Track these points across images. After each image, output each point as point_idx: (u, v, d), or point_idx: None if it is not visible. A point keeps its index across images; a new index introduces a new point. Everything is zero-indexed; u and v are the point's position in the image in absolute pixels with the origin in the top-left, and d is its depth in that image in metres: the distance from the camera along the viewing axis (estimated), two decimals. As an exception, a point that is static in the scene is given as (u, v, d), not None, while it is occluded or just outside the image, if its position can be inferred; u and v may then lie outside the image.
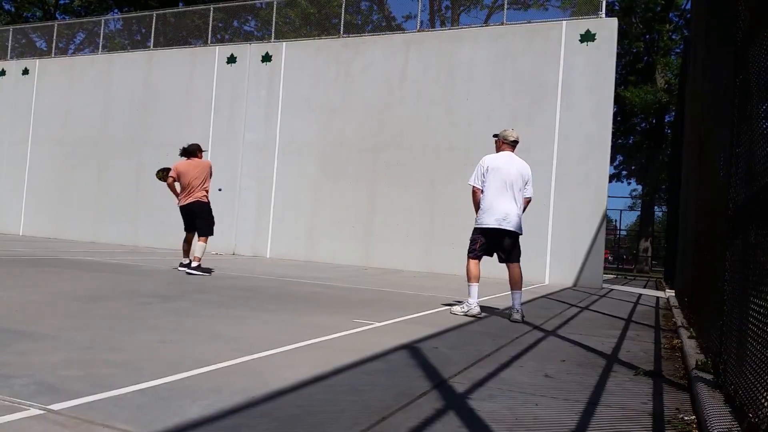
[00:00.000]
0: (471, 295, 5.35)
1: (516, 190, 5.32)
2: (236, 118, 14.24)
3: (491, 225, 5.28)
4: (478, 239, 5.37)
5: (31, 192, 16.74)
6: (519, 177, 5.35)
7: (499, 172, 5.32)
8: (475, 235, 5.40)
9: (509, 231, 5.30)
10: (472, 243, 5.40)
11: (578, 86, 11.30)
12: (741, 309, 2.38)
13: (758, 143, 2.21)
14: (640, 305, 8.30)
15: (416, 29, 13.50)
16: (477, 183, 5.40)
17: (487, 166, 5.38)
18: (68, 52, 22.07)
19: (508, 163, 5.39)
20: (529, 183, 5.43)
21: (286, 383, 2.61)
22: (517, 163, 5.42)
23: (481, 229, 5.35)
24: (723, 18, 3.64)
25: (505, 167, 5.35)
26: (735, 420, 2.13)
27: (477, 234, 5.39)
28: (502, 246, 5.37)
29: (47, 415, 1.99)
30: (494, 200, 5.28)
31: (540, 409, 2.51)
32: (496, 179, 5.31)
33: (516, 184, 5.32)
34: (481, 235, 5.35)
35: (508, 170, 5.33)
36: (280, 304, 5.39)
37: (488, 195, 5.31)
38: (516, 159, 5.47)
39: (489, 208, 5.29)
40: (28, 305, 4.34)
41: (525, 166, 5.47)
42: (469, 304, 5.36)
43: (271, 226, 13.67)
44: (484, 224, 5.32)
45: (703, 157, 4.72)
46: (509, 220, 5.27)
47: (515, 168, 5.38)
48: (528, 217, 5.78)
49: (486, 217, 5.30)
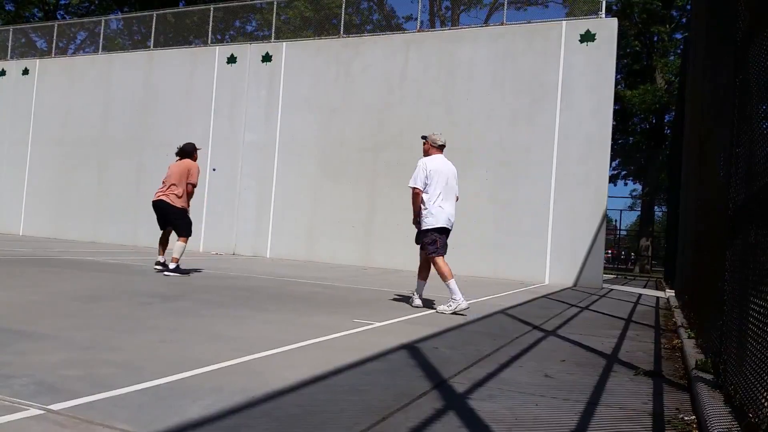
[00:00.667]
0: (454, 291, 5.48)
1: (453, 191, 5.70)
2: (236, 118, 14.24)
3: (445, 225, 5.58)
4: (437, 238, 5.59)
5: (31, 192, 16.74)
6: (454, 178, 5.72)
7: (440, 175, 5.59)
8: (433, 235, 5.59)
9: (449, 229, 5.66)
10: (433, 243, 5.58)
11: (578, 86, 11.30)
12: (741, 309, 2.38)
13: (758, 143, 2.21)
14: (640, 305, 8.30)
15: (416, 29, 13.50)
16: (420, 185, 5.59)
17: (430, 170, 5.60)
18: (68, 52, 22.07)
19: (446, 166, 5.69)
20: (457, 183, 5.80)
21: (286, 383, 2.61)
22: (451, 166, 5.77)
23: (437, 229, 5.58)
24: (723, 18, 3.64)
25: (444, 170, 5.64)
26: (735, 420, 2.13)
27: (435, 234, 5.60)
28: None
29: (47, 415, 1.99)
30: (442, 201, 5.58)
31: (540, 409, 2.51)
32: (440, 182, 5.57)
33: (454, 186, 5.70)
34: (438, 233, 5.59)
35: (447, 173, 5.64)
36: (280, 304, 5.39)
37: (435, 197, 5.57)
38: (449, 163, 5.78)
39: (440, 209, 5.56)
40: (28, 305, 4.35)
41: (455, 169, 5.82)
42: (455, 300, 5.47)
43: (271, 226, 13.67)
44: (439, 224, 5.56)
45: (703, 157, 4.72)
46: (453, 220, 5.67)
47: (451, 170, 5.71)
48: (528, 217, 5.89)
49: (439, 218, 5.56)
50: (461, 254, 11.81)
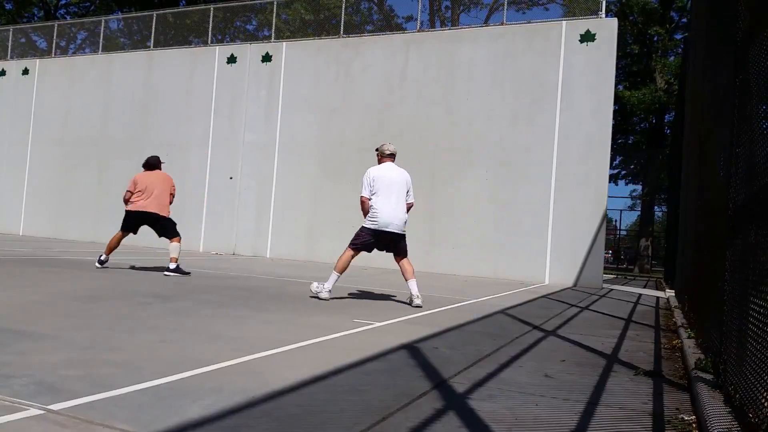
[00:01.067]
0: (330, 281, 5.82)
1: (399, 196, 5.86)
2: (236, 118, 14.24)
3: (380, 228, 5.80)
4: (362, 234, 5.88)
5: (31, 192, 16.74)
6: (404, 184, 5.93)
7: (383, 181, 5.86)
8: (362, 231, 5.88)
9: (394, 233, 5.84)
10: (356, 237, 5.89)
11: (578, 86, 11.30)
12: (741, 309, 2.38)
13: (758, 143, 2.21)
14: (640, 305, 8.30)
15: (416, 29, 13.50)
16: (366, 194, 5.90)
17: (373, 177, 5.89)
18: (69, 52, 22.06)
19: (392, 173, 5.93)
20: (410, 190, 6.00)
21: (286, 383, 2.61)
22: (400, 172, 5.98)
23: (369, 229, 5.84)
24: (723, 18, 3.64)
25: (389, 176, 5.89)
26: (735, 420, 2.13)
27: (364, 231, 5.88)
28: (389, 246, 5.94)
29: (47, 415, 1.99)
30: (382, 206, 5.80)
31: (540, 409, 2.51)
32: (381, 187, 5.84)
33: (401, 191, 5.89)
34: (368, 233, 5.84)
35: (392, 179, 5.89)
36: (280, 304, 5.39)
37: (376, 202, 5.82)
38: (398, 169, 6.00)
39: (379, 212, 5.79)
40: (28, 305, 4.34)
41: (406, 175, 6.02)
42: (325, 288, 5.83)
43: (271, 226, 13.67)
44: (373, 226, 5.82)
45: (703, 157, 4.72)
46: (395, 224, 5.82)
47: (399, 176, 5.93)
48: (528, 217, 5.91)
49: (376, 220, 5.80)
50: (461, 254, 11.83)
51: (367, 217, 5.88)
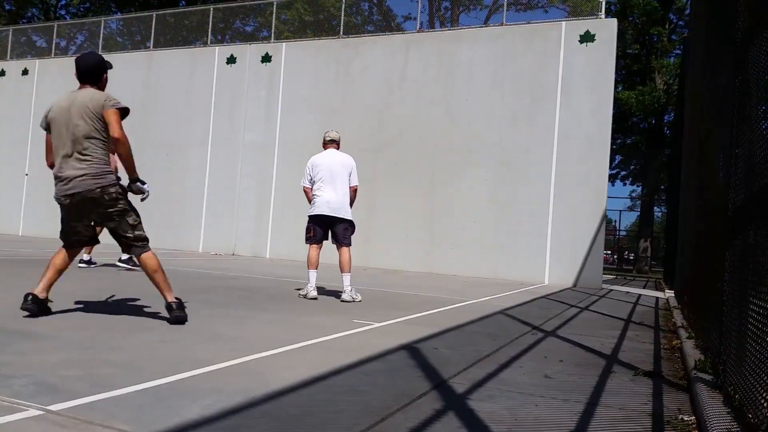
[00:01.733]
0: (309, 279, 5.91)
1: (338, 179, 5.93)
2: (236, 118, 14.24)
3: (321, 212, 5.90)
4: (311, 227, 5.99)
5: (30, 192, 16.73)
6: (341, 167, 5.99)
7: (321, 167, 5.98)
8: (308, 224, 6.02)
9: (331, 216, 5.90)
10: (307, 231, 6.03)
11: (578, 86, 11.30)
12: (740, 310, 2.38)
13: (758, 144, 2.21)
14: (640, 306, 8.30)
15: (416, 29, 13.51)
16: (307, 183, 6.09)
17: (310, 164, 6.09)
18: (68, 52, 22.06)
19: (330, 158, 6.05)
20: (353, 173, 6.05)
21: (286, 383, 2.61)
22: (339, 157, 6.09)
23: (312, 216, 5.99)
24: (722, 18, 3.64)
25: (327, 161, 6.02)
26: (734, 420, 2.14)
27: (309, 223, 6.01)
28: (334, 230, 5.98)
29: (47, 415, 1.99)
30: (320, 191, 5.93)
31: (540, 410, 2.52)
32: (320, 173, 5.97)
33: (341, 175, 5.95)
34: (313, 222, 5.97)
35: (330, 163, 5.99)
36: (280, 304, 5.39)
37: (317, 188, 5.97)
38: (338, 154, 6.14)
39: (318, 198, 5.93)
40: (27, 305, 4.34)
41: (347, 158, 6.10)
42: (306, 288, 5.92)
43: (271, 226, 13.67)
44: (314, 212, 5.96)
45: (703, 158, 4.72)
46: (332, 207, 5.88)
47: (336, 160, 6.03)
48: (528, 217, 5.91)
49: (316, 206, 5.94)
50: (461, 254, 11.82)
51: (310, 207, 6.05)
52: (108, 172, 3.84)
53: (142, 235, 4.01)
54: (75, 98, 3.86)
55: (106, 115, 3.79)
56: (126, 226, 3.94)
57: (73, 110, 3.79)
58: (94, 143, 3.81)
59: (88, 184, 3.76)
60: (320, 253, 6.03)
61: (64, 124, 3.81)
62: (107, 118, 3.78)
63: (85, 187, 3.75)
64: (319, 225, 5.96)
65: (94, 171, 3.77)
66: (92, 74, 3.96)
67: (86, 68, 3.94)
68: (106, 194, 3.80)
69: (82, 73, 3.95)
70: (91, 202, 3.81)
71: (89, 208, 3.84)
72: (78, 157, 3.78)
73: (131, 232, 3.95)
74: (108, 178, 3.82)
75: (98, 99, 3.83)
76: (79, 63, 3.94)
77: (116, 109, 3.85)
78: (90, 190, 3.76)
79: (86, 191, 3.76)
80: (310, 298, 5.89)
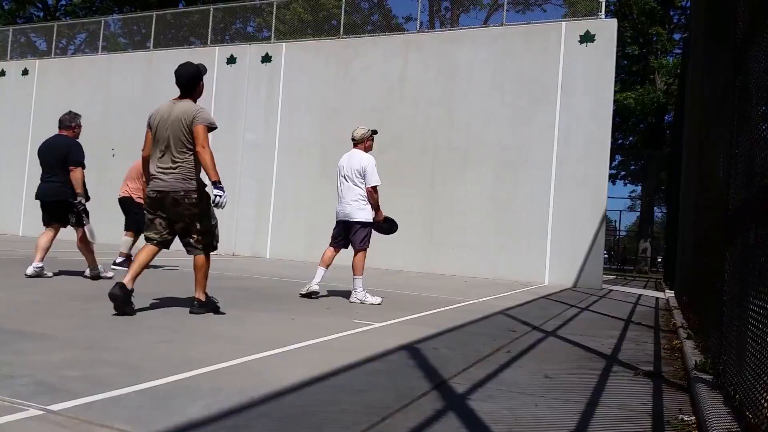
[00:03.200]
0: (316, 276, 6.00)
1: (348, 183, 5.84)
2: (236, 118, 14.24)
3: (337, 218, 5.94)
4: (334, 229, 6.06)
5: (30, 192, 16.69)
6: (350, 170, 5.87)
7: (338, 169, 5.97)
8: None
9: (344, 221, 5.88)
10: None
11: (578, 87, 11.30)
12: (740, 310, 2.38)
13: (757, 144, 2.21)
14: (640, 306, 8.30)
15: (416, 30, 13.51)
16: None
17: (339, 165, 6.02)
18: (68, 52, 22.06)
19: (344, 161, 5.98)
20: (367, 174, 5.83)
21: (285, 383, 2.61)
22: (351, 158, 5.95)
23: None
24: (722, 18, 3.64)
25: (341, 164, 5.96)
26: (734, 420, 2.14)
27: None
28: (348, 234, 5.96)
29: (47, 415, 1.99)
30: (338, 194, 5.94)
31: (540, 410, 2.51)
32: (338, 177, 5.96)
33: (349, 176, 5.85)
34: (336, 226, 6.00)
35: (342, 166, 5.95)
36: (280, 304, 5.39)
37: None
38: (353, 155, 5.99)
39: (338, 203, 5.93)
40: (28, 305, 4.34)
41: (359, 159, 5.88)
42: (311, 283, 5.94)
43: (271, 226, 13.67)
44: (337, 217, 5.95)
45: (703, 158, 4.72)
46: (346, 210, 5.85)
47: (347, 163, 5.92)
48: (528, 218, 5.92)
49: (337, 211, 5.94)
50: (461, 254, 11.82)
51: None
52: (192, 179, 4.34)
53: (206, 241, 4.52)
54: (173, 109, 4.41)
55: (194, 130, 4.31)
56: (193, 230, 4.45)
57: (170, 120, 4.35)
58: (184, 151, 4.34)
59: (175, 185, 4.31)
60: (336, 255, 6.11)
61: (162, 131, 4.36)
62: (195, 132, 4.30)
63: (172, 187, 4.30)
64: (339, 228, 5.97)
65: (181, 176, 4.32)
66: (186, 87, 4.50)
67: (181, 81, 4.49)
68: (186, 198, 4.32)
69: (178, 85, 4.52)
70: (173, 201, 4.32)
71: (169, 205, 4.34)
72: (170, 162, 4.34)
73: (195, 236, 4.47)
74: (192, 183, 4.33)
75: (190, 114, 4.33)
76: (176, 75, 4.49)
77: (204, 125, 4.34)
78: (175, 191, 4.30)
79: (172, 191, 4.30)
80: (306, 292, 5.91)
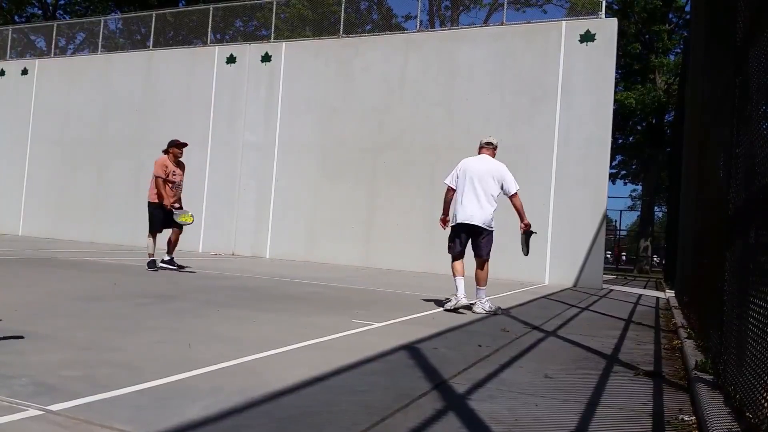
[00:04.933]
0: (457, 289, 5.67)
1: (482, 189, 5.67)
2: (236, 118, 14.24)
3: (462, 221, 5.72)
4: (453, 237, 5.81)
5: (30, 192, 16.73)
6: (489, 176, 5.70)
7: (468, 173, 5.72)
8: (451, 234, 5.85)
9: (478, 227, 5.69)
10: (450, 240, 5.86)
11: (578, 86, 11.29)
12: (741, 310, 2.38)
13: (758, 144, 2.21)
14: (640, 306, 8.30)
15: (416, 29, 13.50)
16: (452, 183, 5.85)
17: (459, 168, 5.81)
18: (68, 52, 22.06)
19: (480, 164, 5.75)
20: (506, 181, 5.72)
21: (285, 383, 2.61)
22: (488, 164, 5.75)
23: (453, 227, 5.81)
24: (723, 18, 3.64)
25: (476, 168, 5.73)
26: (735, 420, 2.13)
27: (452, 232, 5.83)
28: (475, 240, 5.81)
29: (46, 415, 1.99)
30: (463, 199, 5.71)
31: (540, 410, 2.51)
32: (465, 180, 5.71)
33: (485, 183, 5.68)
34: (455, 232, 5.79)
35: (478, 171, 5.71)
36: (280, 305, 5.39)
37: (460, 194, 5.75)
38: (490, 161, 5.79)
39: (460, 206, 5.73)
40: (28, 305, 4.34)
41: (497, 166, 5.75)
42: (456, 297, 5.64)
43: (271, 226, 13.67)
44: (455, 222, 5.77)
45: (703, 158, 4.72)
46: (479, 217, 5.67)
47: (485, 169, 5.72)
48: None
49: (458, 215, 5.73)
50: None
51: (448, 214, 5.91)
52: None
53: None
54: None
55: None
56: None
57: None
58: None
59: None
60: None
61: None
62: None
63: None
64: (463, 234, 5.72)
65: None
66: None
67: None
68: None
69: None
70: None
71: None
72: None
73: None
74: None
75: None
76: None
77: None
78: None
79: None
80: (461, 307, 5.57)
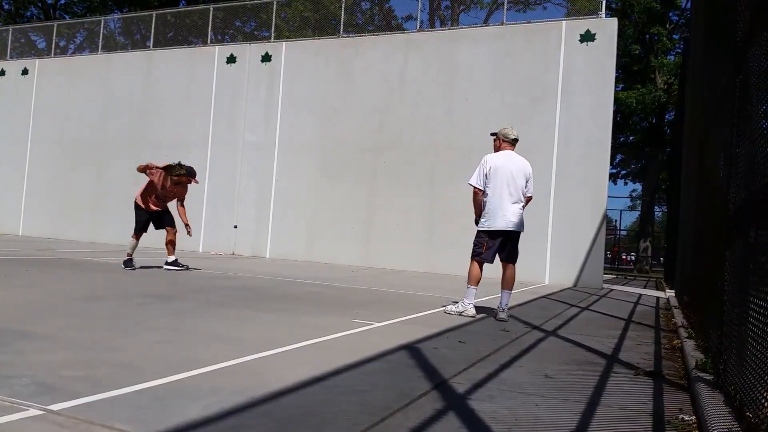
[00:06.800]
0: (468, 296, 5.36)
1: (517, 189, 5.27)
2: (236, 118, 14.24)
3: (501, 227, 5.21)
4: (484, 242, 5.25)
5: (30, 192, 16.73)
6: (522, 176, 5.30)
7: (501, 172, 5.24)
8: (481, 237, 5.29)
9: (512, 231, 5.27)
10: (478, 245, 5.30)
11: (578, 86, 11.29)
12: (741, 309, 2.38)
13: (758, 143, 2.20)
14: (640, 305, 8.30)
15: (416, 29, 13.50)
16: (479, 185, 5.31)
17: (490, 166, 5.28)
18: (68, 52, 22.06)
19: (511, 163, 5.31)
20: (530, 181, 5.35)
21: (285, 383, 2.61)
22: (519, 163, 5.35)
23: (488, 232, 5.25)
24: (723, 18, 3.64)
25: (508, 166, 5.27)
26: (735, 420, 2.13)
27: (484, 236, 5.27)
28: (505, 246, 5.33)
29: (46, 415, 1.99)
30: (500, 201, 5.20)
31: (540, 410, 2.51)
32: (499, 179, 5.22)
33: (519, 184, 5.27)
34: (489, 237, 5.25)
35: (511, 169, 5.26)
36: (280, 304, 5.39)
37: (493, 196, 5.23)
38: (518, 158, 5.39)
39: (496, 210, 5.20)
40: (28, 305, 4.34)
41: (526, 164, 5.38)
42: (464, 304, 5.37)
43: (271, 226, 13.67)
44: (492, 227, 5.22)
45: (703, 158, 4.72)
46: (516, 220, 5.24)
47: (517, 167, 5.30)
48: (528, 218, 5.81)
49: (494, 220, 5.21)
50: (460, 254, 11.79)
51: (481, 218, 5.30)
52: None
53: None
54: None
55: None
56: None
57: None
58: None
59: None
60: None
61: None
62: None
63: None
64: (501, 239, 5.22)
65: None
66: None
67: None
68: None
69: None
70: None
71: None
72: None
73: None
74: None
75: None
76: None
77: None
78: None
79: None
80: (469, 316, 5.26)
